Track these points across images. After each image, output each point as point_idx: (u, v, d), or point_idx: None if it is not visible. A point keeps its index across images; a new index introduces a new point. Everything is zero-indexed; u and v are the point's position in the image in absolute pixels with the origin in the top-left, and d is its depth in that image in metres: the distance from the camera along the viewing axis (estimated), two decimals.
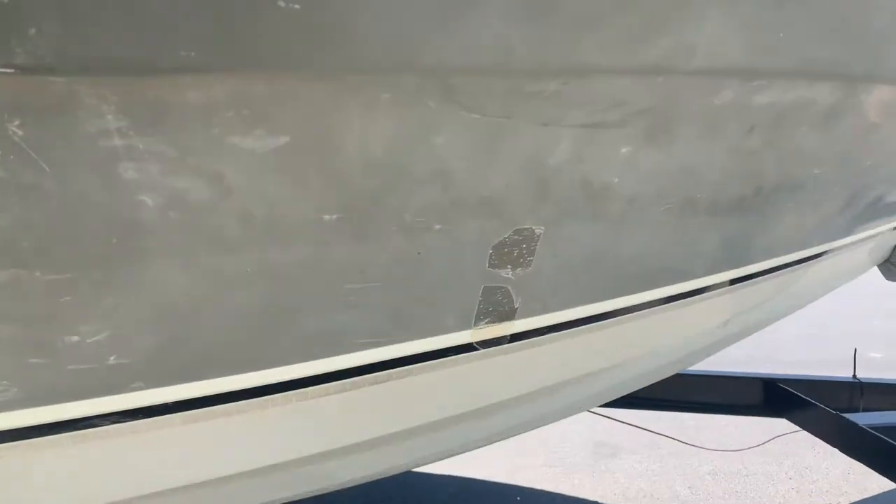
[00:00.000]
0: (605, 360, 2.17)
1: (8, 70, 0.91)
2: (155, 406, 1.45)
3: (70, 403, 1.37)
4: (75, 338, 1.27)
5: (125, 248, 1.16)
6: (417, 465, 2.61)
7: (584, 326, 1.88)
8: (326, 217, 1.27)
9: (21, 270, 1.13)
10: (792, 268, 2.26)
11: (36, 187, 1.04)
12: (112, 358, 1.33)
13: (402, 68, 1.09)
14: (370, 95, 1.12)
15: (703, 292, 2.04)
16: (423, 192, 1.30)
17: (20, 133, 0.98)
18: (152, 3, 0.89)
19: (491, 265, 1.53)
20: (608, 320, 1.93)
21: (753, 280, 2.17)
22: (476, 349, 1.74)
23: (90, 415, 1.41)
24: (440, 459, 2.65)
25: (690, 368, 3.98)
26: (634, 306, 1.94)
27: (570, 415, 3.12)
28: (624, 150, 1.41)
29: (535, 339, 1.83)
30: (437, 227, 1.38)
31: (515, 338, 1.78)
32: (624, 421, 4.83)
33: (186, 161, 1.09)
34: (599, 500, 5.32)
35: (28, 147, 1.00)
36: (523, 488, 5.70)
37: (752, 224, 1.87)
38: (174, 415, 1.49)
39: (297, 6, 0.96)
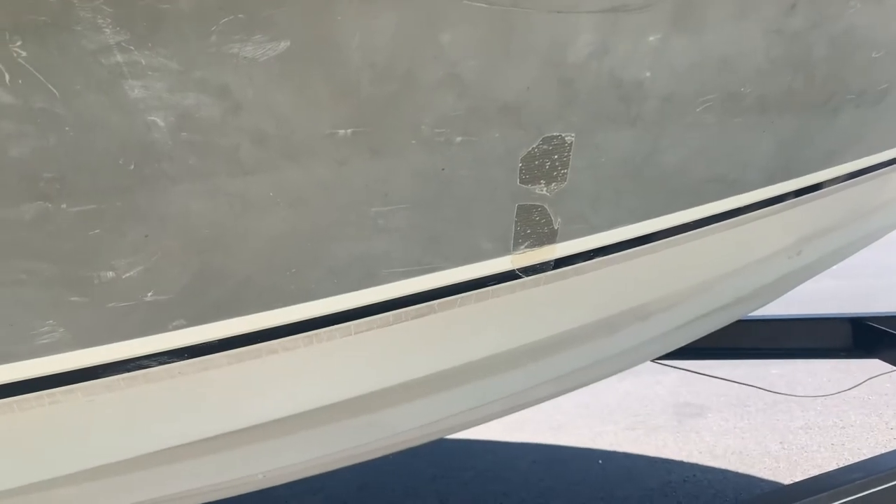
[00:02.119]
0: (661, 289, 2.07)
1: None
2: (200, 345, 1.47)
3: (116, 344, 1.40)
4: (110, 273, 1.29)
5: (143, 173, 1.17)
6: (475, 420, 2.56)
7: (633, 249, 1.79)
8: (341, 132, 1.25)
9: (48, 203, 1.16)
10: (866, 176, 2.08)
11: (48, 113, 1.06)
12: (150, 294, 1.35)
13: None
14: None
15: (763, 206, 1.91)
16: (437, 99, 1.25)
17: (24, 54, 0.99)
18: None
19: (522, 180, 1.47)
20: (661, 240, 1.83)
21: (821, 192, 2.02)
22: (519, 276, 1.68)
23: (138, 355, 1.44)
24: (499, 413, 2.59)
25: (770, 312, 3.80)
26: (687, 224, 1.83)
27: (637, 362, 3.00)
28: (651, 38, 1.32)
29: (581, 264, 1.75)
30: (458, 139, 1.34)
31: (560, 263, 1.72)
32: (703, 373, 4.66)
33: (190, 75, 1.08)
34: (685, 459, 5.16)
35: (34, 68, 1.01)
36: (605, 451, 5.60)
37: (809, 122, 1.73)
38: (220, 354, 1.51)
39: None
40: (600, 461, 5.39)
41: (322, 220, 1.37)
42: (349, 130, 1.24)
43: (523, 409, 2.89)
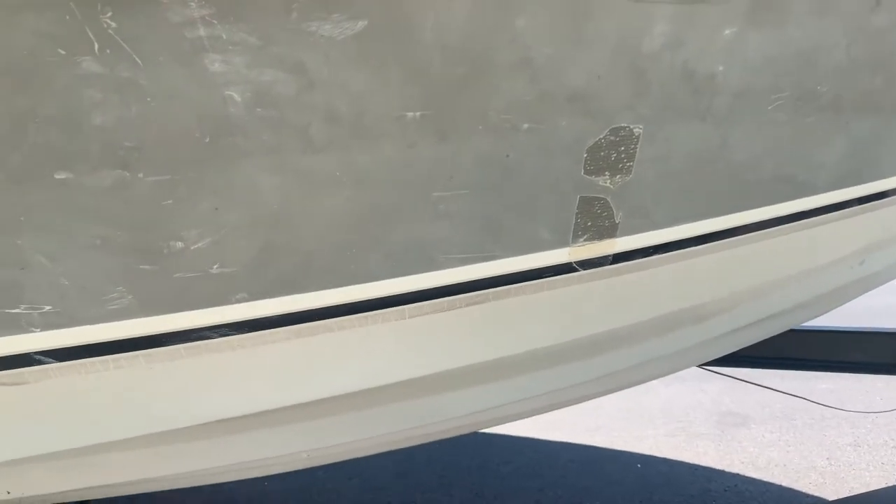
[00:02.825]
0: (719, 290, 2.03)
1: None
2: (260, 319, 1.50)
3: (180, 314, 1.44)
4: (179, 244, 1.32)
5: (217, 147, 1.20)
6: (519, 413, 2.54)
7: (694, 248, 1.76)
8: (410, 115, 1.25)
9: (124, 171, 1.20)
10: None
11: (131, 83, 1.09)
12: (216, 266, 1.38)
13: None
14: None
15: (830, 211, 1.86)
16: (507, 84, 1.25)
17: (113, 25, 1.03)
18: None
19: (587, 171, 1.46)
20: (723, 240, 1.79)
21: (890, 199, 1.95)
22: (576, 269, 1.67)
23: (200, 326, 1.48)
24: (544, 408, 2.58)
25: (824, 323, 3.69)
26: (751, 225, 1.79)
27: (686, 365, 2.95)
28: (727, 31, 1.30)
29: (639, 260, 1.73)
30: (525, 126, 1.33)
31: (618, 258, 1.70)
32: (750, 381, 4.56)
33: (269, 51, 1.10)
34: (726, 469, 5.06)
35: (121, 39, 1.04)
36: (644, 455, 5.52)
37: (885, 126, 1.67)
38: (279, 329, 1.53)
39: None
40: (639, 465, 5.32)
41: (385, 202, 1.38)
42: (418, 113, 1.25)
43: (567, 405, 2.86)
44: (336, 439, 2.04)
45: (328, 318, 1.55)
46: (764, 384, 4.60)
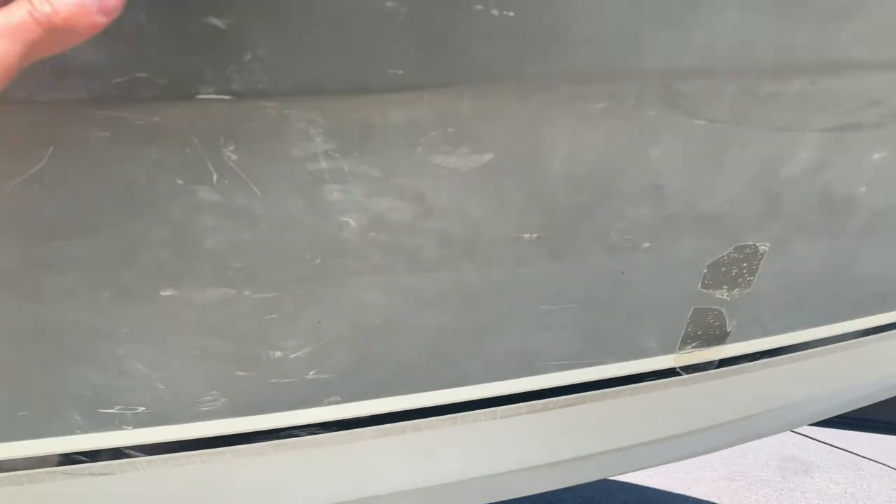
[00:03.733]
0: (822, 386, 1.92)
1: (225, 96, 0.90)
2: (350, 419, 1.45)
3: (271, 414, 1.40)
4: (279, 353, 1.28)
5: (328, 267, 1.15)
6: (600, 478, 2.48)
7: (804, 352, 1.65)
8: (526, 236, 1.18)
9: (231, 289, 1.16)
10: None
11: (247, 210, 1.05)
12: (312, 373, 1.33)
13: (623, 74, 0.97)
14: (583, 106, 1.01)
15: None
16: (634, 208, 1.17)
17: (234, 158, 0.98)
18: (364, 24, 0.84)
19: (704, 285, 1.37)
20: (834, 344, 1.68)
21: None
22: (679, 374, 1.58)
23: (290, 425, 1.44)
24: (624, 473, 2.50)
25: None
26: (862, 330, 1.68)
27: (769, 435, 2.84)
28: (877, 155, 1.19)
29: (745, 364, 1.63)
30: (646, 244, 1.25)
31: (723, 363, 1.60)
32: (817, 438, 4.36)
33: (390, 182, 1.04)
34: None
35: (241, 171, 1.00)
36: (701, 501, 5.34)
37: None
38: (366, 428, 1.49)
39: (511, 13, 0.87)
40: None
41: (489, 316, 1.32)
42: (535, 235, 1.18)
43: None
44: None
45: (417, 418, 1.50)
46: (829, 441, 4.41)
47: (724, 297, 1.40)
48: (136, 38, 0.85)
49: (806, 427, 4.02)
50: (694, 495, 5.44)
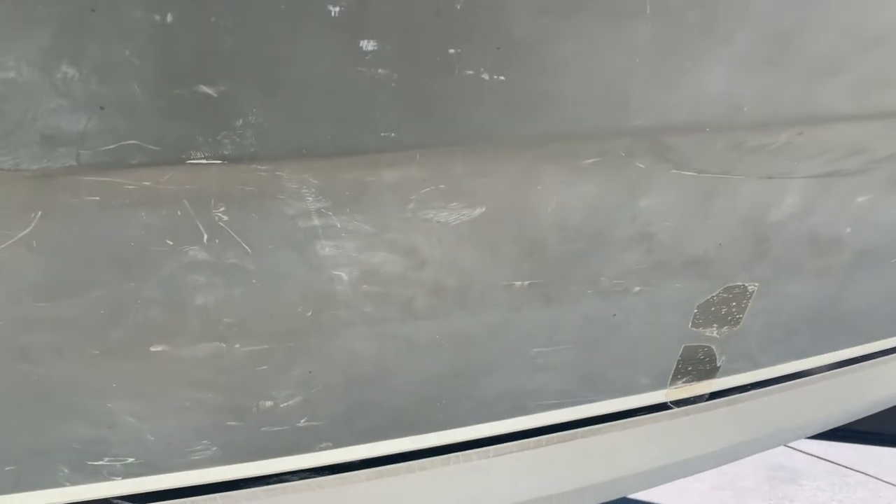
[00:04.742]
0: (811, 410, 1.93)
1: (216, 161, 0.90)
2: (342, 464, 1.45)
3: (262, 461, 1.39)
4: (270, 402, 1.27)
5: (319, 319, 1.15)
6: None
7: (794, 381, 1.67)
8: (518, 283, 1.19)
9: (222, 343, 1.15)
10: None
11: (238, 267, 1.04)
12: (303, 420, 1.33)
13: (612, 132, 0.98)
14: (574, 161, 1.02)
15: None
16: (624, 256, 1.18)
17: (225, 218, 0.98)
18: (357, 90, 0.84)
19: (694, 324, 1.38)
20: (821, 374, 1.70)
21: None
22: (670, 408, 1.59)
23: (281, 471, 1.43)
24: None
25: None
26: (853, 359, 1.70)
27: (758, 453, 2.86)
28: (861, 198, 1.21)
29: (735, 395, 1.65)
30: (637, 289, 1.26)
31: (714, 395, 1.61)
32: (803, 450, 4.39)
33: (382, 236, 1.04)
34: None
35: (232, 231, 0.99)
36: None
37: None
38: (360, 471, 1.48)
39: (502, 77, 0.87)
40: None
41: (482, 360, 1.32)
42: (527, 282, 1.18)
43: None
44: None
45: (411, 459, 1.50)
46: (815, 453, 4.45)
47: (714, 334, 1.41)
48: (126, 107, 0.84)
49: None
50: None
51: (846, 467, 4.27)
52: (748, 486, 5.79)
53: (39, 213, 0.93)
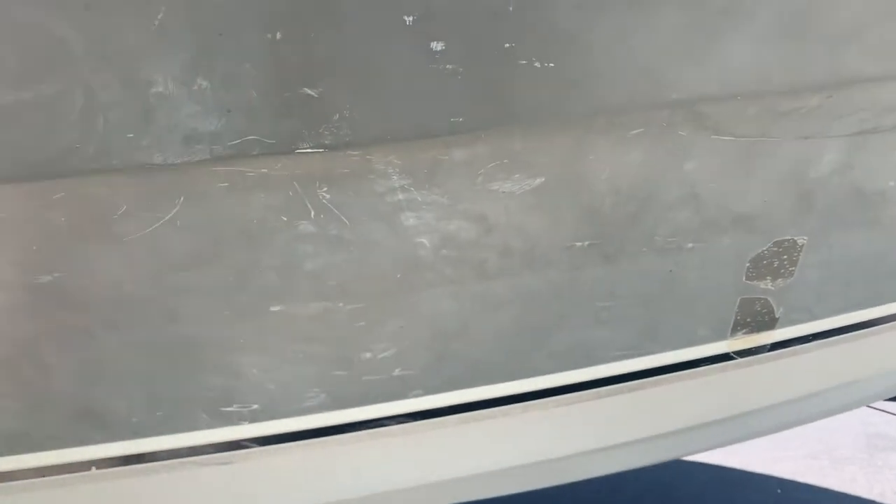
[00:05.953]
0: (884, 364, 1.99)
1: (318, 150, 1.10)
2: (433, 409, 1.65)
3: (365, 407, 1.61)
4: (369, 354, 1.49)
5: (407, 281, 1.34)
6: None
7: (854, 333, 1.74)
8: (578, 244, 1.34)
9: (328, 303, 1.36)
10: None
11: (339, 237, 1.25)
12: (397, 370, 1.53)
13: (653, 106, 1.12)
14: (620, 133, 1.17)
15: None
16: (675, 215, 1.31)
17: (328, 196, 1.18)
18: (429, 84, 1.02)
19: (748, 277, 1.49)
20: (886, 325, 1.77)
21: None
22: (733, 358, 1.70)
23: (381, 416, 1.64)
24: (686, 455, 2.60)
25: None
26: None
27: (838, 413, 2.87)
28: None
29: (797, 346, 1.74)
30: (690, 245, 1.39)
31: (776, 346, 1.71)
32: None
33: (456, 207, 1.23)
34: (877, 499, 4.80)
35: (333, 206, 1.20)
36: (784, 480, 5.29)
37: None
38: (448, 417, 1.68)
39: (552, 64, 1.03)
40: (779, 490, 5.13)
41: (549, 315, 1.48)
42: (586, 243, 1.33)
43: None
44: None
45: (492, 406, 1.68)
46: None
47: (769, 286, 1.52)
48: (247, 109, 1.06)
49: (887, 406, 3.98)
50: (776, 475, 5.40)
51: None
52: (846, 455, 5.66)
53: (182, 198, 1.17)
